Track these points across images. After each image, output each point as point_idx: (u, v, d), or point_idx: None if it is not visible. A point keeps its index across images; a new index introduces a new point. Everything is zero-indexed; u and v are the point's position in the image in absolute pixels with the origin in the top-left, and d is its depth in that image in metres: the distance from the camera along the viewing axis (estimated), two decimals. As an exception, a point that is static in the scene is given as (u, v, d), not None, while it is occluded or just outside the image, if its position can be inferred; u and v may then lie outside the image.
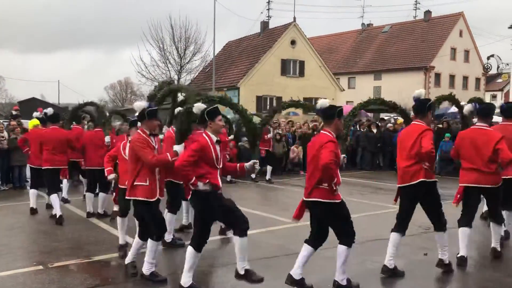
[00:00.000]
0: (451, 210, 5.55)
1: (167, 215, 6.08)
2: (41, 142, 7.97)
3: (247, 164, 4.94)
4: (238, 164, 5.06)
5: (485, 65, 34.64)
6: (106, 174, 6.14)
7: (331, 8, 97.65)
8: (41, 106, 17.52)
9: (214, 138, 4.59)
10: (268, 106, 32.71)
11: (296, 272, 4.69)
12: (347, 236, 4.60)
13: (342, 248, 4.60)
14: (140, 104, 5.06)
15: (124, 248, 5.90)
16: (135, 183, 4.92)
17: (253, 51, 36.06)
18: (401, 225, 5.21)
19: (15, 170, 11.76)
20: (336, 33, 51.63)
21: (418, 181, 5.01)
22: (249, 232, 7.04)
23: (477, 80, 44.04)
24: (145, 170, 4.90)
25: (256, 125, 6.75)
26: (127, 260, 5.25)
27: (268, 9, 41.65)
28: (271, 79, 33.47)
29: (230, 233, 6.07)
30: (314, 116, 20.28)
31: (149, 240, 4.98)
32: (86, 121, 10.23)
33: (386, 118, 18.83)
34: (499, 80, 46.01)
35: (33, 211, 8.44)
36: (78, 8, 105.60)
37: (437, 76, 40.55)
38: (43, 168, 7.88)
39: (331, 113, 4.67)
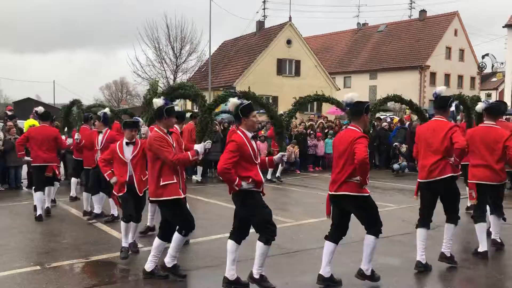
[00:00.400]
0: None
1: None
2: (29, 139, 8.00)
3: (275, 157, 4.96)
4: (267, 158, 5.06)
5: (480, 64, 34.86)
6: (108, 179, 6.06)
7: (326, 7, 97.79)
8: (36, 106, 17.49)
9: (250, 134, 4.56)
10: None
11: (325, 271, 4.77)
12: (375, 226, 4.73)
13: (370, 238, 4.74)
14: (158, 101, 5.05)
15: (126, 250, 5.77)
16: (162, 183, 4.84)
17: (249, 51, 36.06)
18: (426, 220, 5.36)
19: (11, 171, 11.72)
20: (331, 33, 51.72)
21: (447, 175, 5.17)
22: (246, 231, 7.08)
23: (472, 79, 44.20)
24: (167, 167, 4.84)
25: (282, 118, 6.78)
26: (150, 267, 5.04)
27: (264, 9, 41.82)
28: (267, 78, 33.48)
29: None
30: (310, 116, 20.35)
31: (177, 235, 4.94)
32: (93, 121, 10.16)
33: (382, 117, 18.88)
34: (494, 79, 46.27)
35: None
36: (73, 9, 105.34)
37: (432, 75, 40.69)
38: (31, 165, 7.91)
39: (359, 109, 4.75)
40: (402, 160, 14.27)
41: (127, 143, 5.91)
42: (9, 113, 14.27)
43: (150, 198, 5.02)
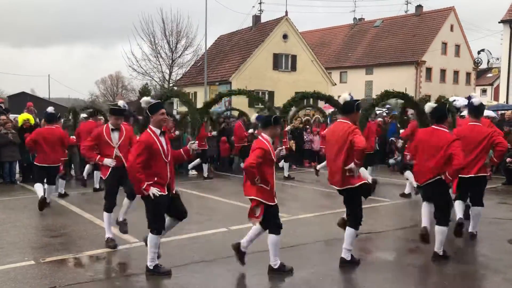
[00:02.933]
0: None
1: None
2: (37, 142, 8.16)
3: (276, 151, 5.15)
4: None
5: (476, 60, 34.90)
6: (100, 162, 6.12)
7: (323, 2, 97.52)
8: (31, 100, 17.41)
9: (271, 140, 4.94)
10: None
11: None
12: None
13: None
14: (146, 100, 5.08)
15: (113, 241, 5.97)
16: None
17: (245, 45, 35.95)
18: (448, 216, 5.47)
19: (5, 166, 11.64)
20: (328, 28, 51.62)
21: (483, 174, 5.92)
22: (242, 226, 7.09)
23: (468, 74, 44.28)
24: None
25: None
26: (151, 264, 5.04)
27: (260, 3, 41.53)
28: (263, 73, 33.42)
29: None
30: (306, 110, 20.29)
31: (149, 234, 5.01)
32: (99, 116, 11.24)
33: (378, 112, 18.82)
34: (490, 75, 46.37)
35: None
36: (68, 3, 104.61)
37: (428, 70, 40.73)
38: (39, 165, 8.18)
39: (350, 107, 5.13)
40: (398, 155, 14.27)
41: (112, 129, 6.20)
42: (3, 106, 14.15)
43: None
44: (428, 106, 5.61)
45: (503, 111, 16.44)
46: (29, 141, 8.21)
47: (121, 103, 7.00)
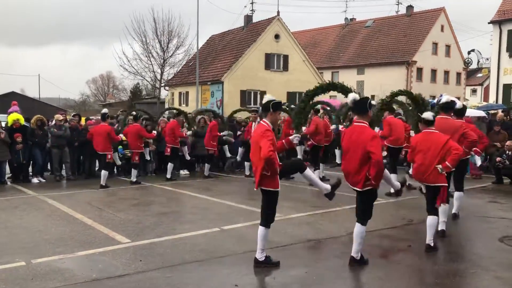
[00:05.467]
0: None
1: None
2: (93, 134, 11.01)
3: (291, 137, 5.39)
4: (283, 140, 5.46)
5: (466, 60, 35.09)
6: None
7: (315, 2, 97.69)
8: (21, 100, 17.31)
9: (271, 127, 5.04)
10: (252, 100, 32.70)
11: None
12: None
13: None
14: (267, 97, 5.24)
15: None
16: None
17: (237, 45, 35.92)
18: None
19: (-5, 166, 11.54)
20: (319, 28, 51.74)
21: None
22: (235, 225, 7.09)
23: (458, 74, 44.59)
24: None
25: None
26: (261, 257, 5.25)
27: (252, 3, 41.50)
28: (255, 73, 33.41)
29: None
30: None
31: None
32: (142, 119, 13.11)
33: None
34: (479, 75, 46.76)
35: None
36: (60, 3, 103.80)
37: (419, 70, 40.96)
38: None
39: (364, 106, 5.13)
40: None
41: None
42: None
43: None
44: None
45: (493, 111, 16.59)
46: (89, 135, 11.25)
47: (105, 110, 8.02)
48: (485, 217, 7.79)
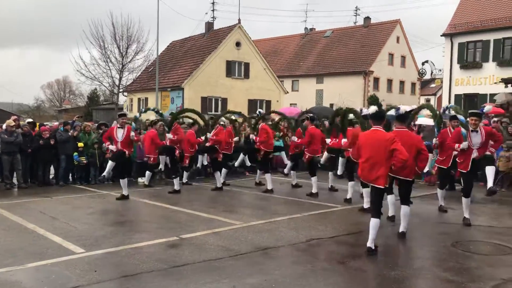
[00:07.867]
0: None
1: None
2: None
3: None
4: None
5: (420, 71, 36.43)
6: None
7: (275, 11, 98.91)
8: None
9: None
10: (213, 107, 32.58)
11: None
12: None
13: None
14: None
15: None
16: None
17: (198, 52, 35.76)
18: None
19: None
20: (280, 36, 52.35)
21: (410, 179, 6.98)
22: (194, 234, 6.99)
23: (413, 84, 46.18)
24: None
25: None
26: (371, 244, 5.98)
27: (213, 10, 41.56)
28: (216, 80, 33.35)
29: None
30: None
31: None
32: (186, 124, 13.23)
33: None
34: (433, 85, 48.52)
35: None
36: (15, 6, 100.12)
37: (376, 80, 42.13)
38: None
39: (382, 115, 6.20)
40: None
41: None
42: None
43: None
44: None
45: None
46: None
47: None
48: (439, 223, 8.05)
